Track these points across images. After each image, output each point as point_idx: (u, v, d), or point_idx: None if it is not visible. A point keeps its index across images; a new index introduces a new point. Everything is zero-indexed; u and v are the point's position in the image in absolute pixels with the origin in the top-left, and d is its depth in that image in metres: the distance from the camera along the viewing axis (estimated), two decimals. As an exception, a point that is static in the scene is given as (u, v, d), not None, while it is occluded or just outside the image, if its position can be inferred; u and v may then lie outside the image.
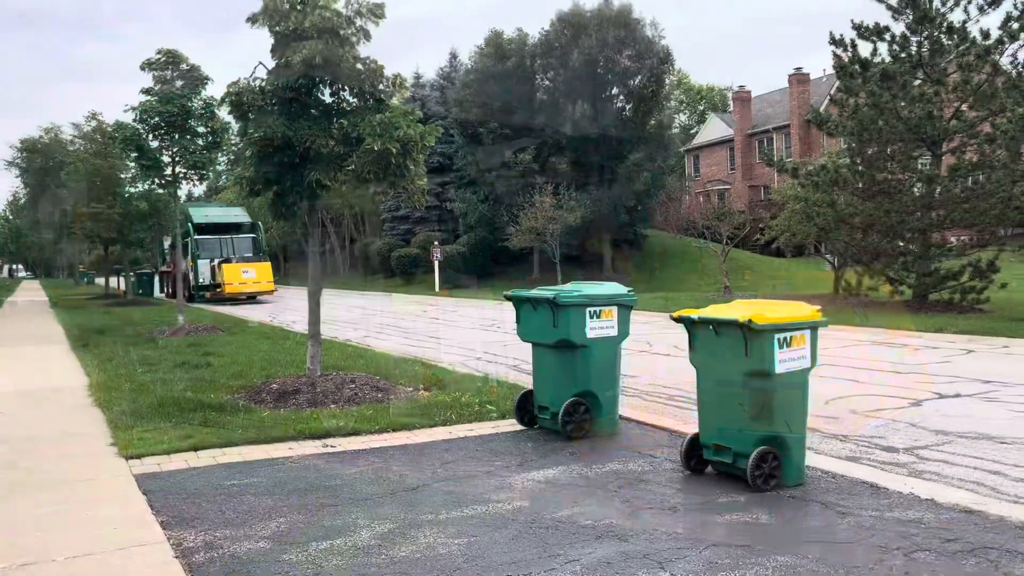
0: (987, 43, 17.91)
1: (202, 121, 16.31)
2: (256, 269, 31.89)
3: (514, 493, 5.35)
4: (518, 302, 7.23)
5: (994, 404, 8.21)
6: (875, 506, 4.92)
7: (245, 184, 8.67)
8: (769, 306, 5.55)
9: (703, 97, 73.06)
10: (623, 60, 36.32)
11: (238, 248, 33.55)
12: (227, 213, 35.77)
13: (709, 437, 5.61)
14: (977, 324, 14.77)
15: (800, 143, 47.54)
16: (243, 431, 7.03)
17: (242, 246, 33.73)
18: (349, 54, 8.22)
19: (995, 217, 18.04)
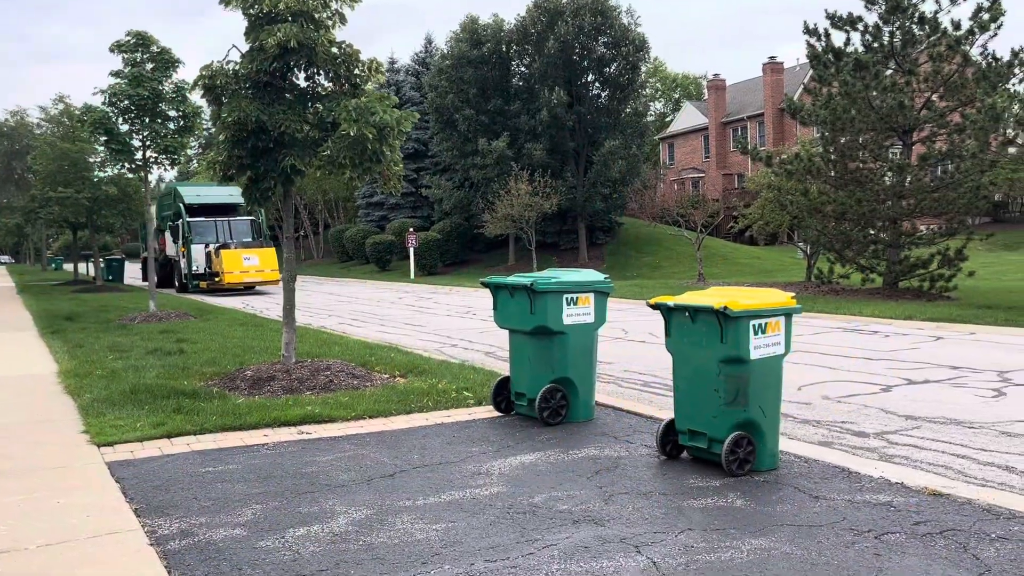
0: (957, 34, 18.14)
1: (173, 105, 16.07)
2: (259, 256, 27.74)
3: (491, 479, 5.36)
4: (495, 289, 7.23)
5: (962, 390, 8.36)
6: (847, 490, 5.00)
7: (218, 169, 8.57)
8: (744, 293, 5.60)
9: (678, 85, 73.31)
10: (599, 47, 36.29)
11: (236, 232, 29.57)
12: (223, 193, 31.21)
13: (684, 423, 5.66)
14: (945, 311, 15.01)
15: (774, 132, 47.90)
16: (217, 418, 6.97)
17: (240, 230, 29.84)
18: (324, 38, 8.14)
19: (963, 206, 18.32)
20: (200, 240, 28.84)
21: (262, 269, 27.59)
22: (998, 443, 6.28)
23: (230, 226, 29.63)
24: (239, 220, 30.24)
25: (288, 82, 8.52)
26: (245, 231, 29.99)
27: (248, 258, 27.47)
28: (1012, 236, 38.31)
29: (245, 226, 30.22)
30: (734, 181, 50.14)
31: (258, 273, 27.59)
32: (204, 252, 28.36)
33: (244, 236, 29.53)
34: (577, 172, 37.05)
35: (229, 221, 29.75)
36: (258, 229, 30.26)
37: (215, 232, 29.17)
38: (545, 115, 35.07)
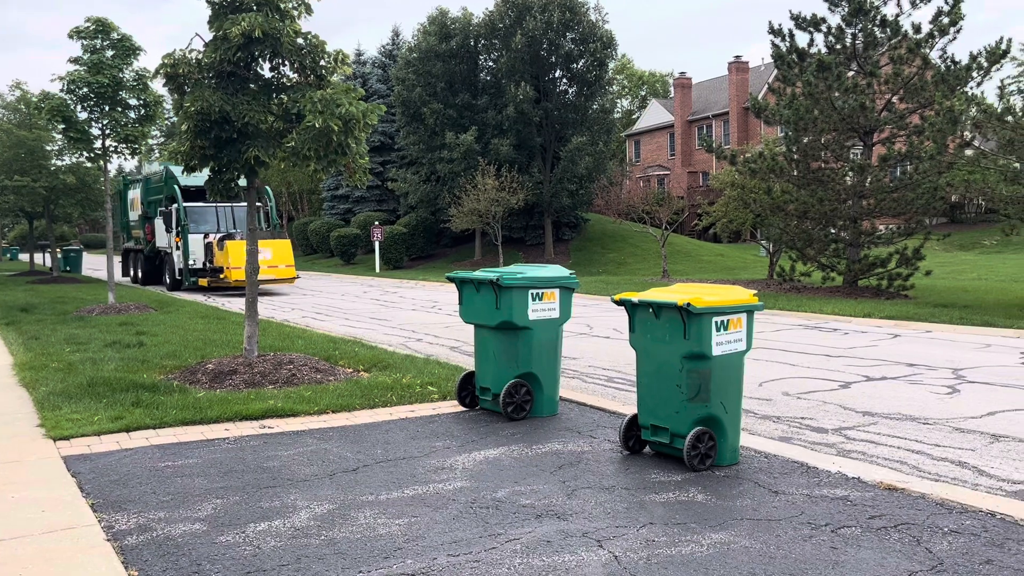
0: (918, 37, 18.48)
1: (134, 93, 15.78)
2: (272, 249, 22.69)
3: (455, 473, 5.36)
4: (461, 284, 7.22)
5: (917, 386, 8.53)
6: (805, 484, 5.08)
7: (180, 159, 8.45)
8: (707, 290, 5.66)
9: (645, 83, 73.71)
10: (567, 43, 36.35)
11: (241, 219, 25.17)
12: None
13: (647, 418, 5.70)
14: (903, 309, 15.31)
15: (739, 130, 48.40)
16: (177, 412, 6.88)
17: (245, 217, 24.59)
18: (290, 28, 8.05)
19: (921, 207, 18.69)
20: (198, 229, 24.35)
21: (276, 265, 22.90)
22: (951, 439, 6.43)
23: (234, 213, 25.13)
24: (245, 206, 24.77)
25: (252, 72, 8.41)
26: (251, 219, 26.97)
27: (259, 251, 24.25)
28: (967, 237, 39.18)
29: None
30: (699, 179, 50.61)
31: (271, 270, 22.77)
32: (204, 243, 23.78)
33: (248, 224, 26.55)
34: (544, 168, 37.11)
35: (232, 207, 25.06)
36: (266, 217, 25.76)
37: (216, 219, 24.79)
38: (512, 110, 35.06)
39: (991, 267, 29.11)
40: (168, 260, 25.37)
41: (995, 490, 5.16)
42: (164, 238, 25.50)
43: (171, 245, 24.85)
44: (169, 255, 25.20)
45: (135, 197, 29.29)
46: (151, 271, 27.50)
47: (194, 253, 24.15)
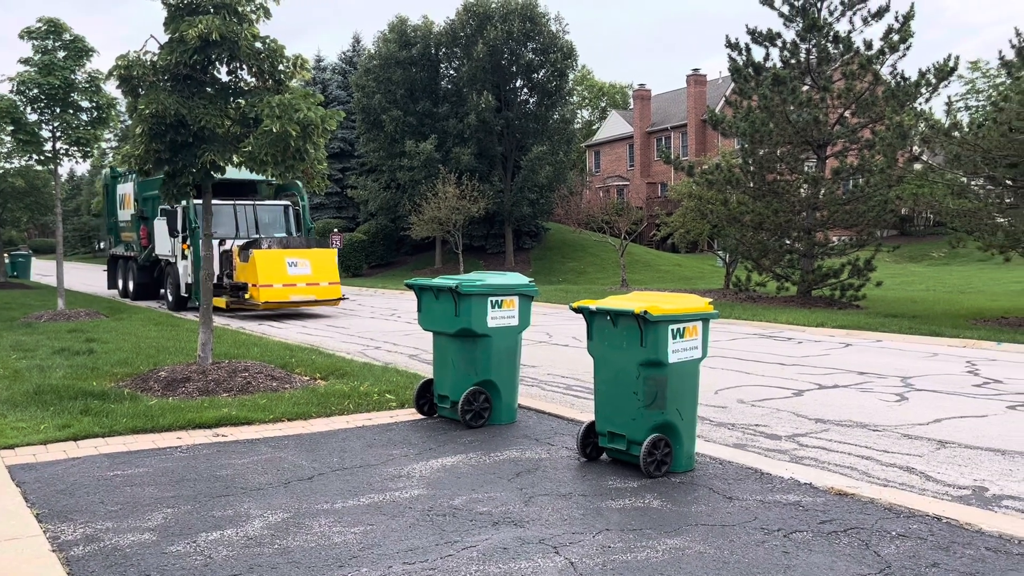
0: (869, 53, 18.93)
1: (86, 95, 15.47)
2: (311, 260, 17.87)
3: (412, 481, 5.33)
4: (420, 291, 7.20)
5: (867, 394, 8.71)
6: (759, 490, 5.15)
7: (134, 163, 8.30)
8: (664, 299, 5.72)
9: (605, 94, 74.35)
10: (527, 53, 36.52)
11: (265, 223, 19.88)
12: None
13: (604, 425, 5.74)
14: (855, 319, 15.62)
15: (696, 142, 49.04)
16: (128, 420, 6.74)
17: (270, 219, 20.04)
18: (248, 32, 7.97)
19: (872, 219, 19.11)
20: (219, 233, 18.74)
21: (316, 282, 17.77)
22: (900, 445, 6.57)
23: (256, 213, 19.81)
24: (269, 206, 20.24)
25: (209, 76, 8.31)
26: (277, 221, 20.12)
27: (295, 263, 17.54)
28: (917, 248, 40.17)
29: (276, 214, 20.20)
30: (657, 190, 51.14)
31: (311, 288, 17.73)
32: (221, 252, 18.55)
33: (275, 228, 19.99)
34: (505, 177, 37.19)
35: (255, 206, 19.90)
36: (297, 219, 20.32)
37: (234, 221, 19.37)
38: (473, 119, 35.10)
39: (939, 278, 29.87)
40: (170, 271, 19.86)
41: (941, 495, 5.28)
42: (166, 243, 19.83)
43: (175, 253, 19.28)
44: (172, 265, 19.67)
45: (127, 193, 23.25)
46: (147, 284, 22.19)
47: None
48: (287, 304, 17.66)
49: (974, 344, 12.53)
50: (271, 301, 17.23)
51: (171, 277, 19.88)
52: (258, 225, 19.78)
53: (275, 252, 17.54)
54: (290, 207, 20.35)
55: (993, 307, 17.95)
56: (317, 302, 17.98)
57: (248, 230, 19.51)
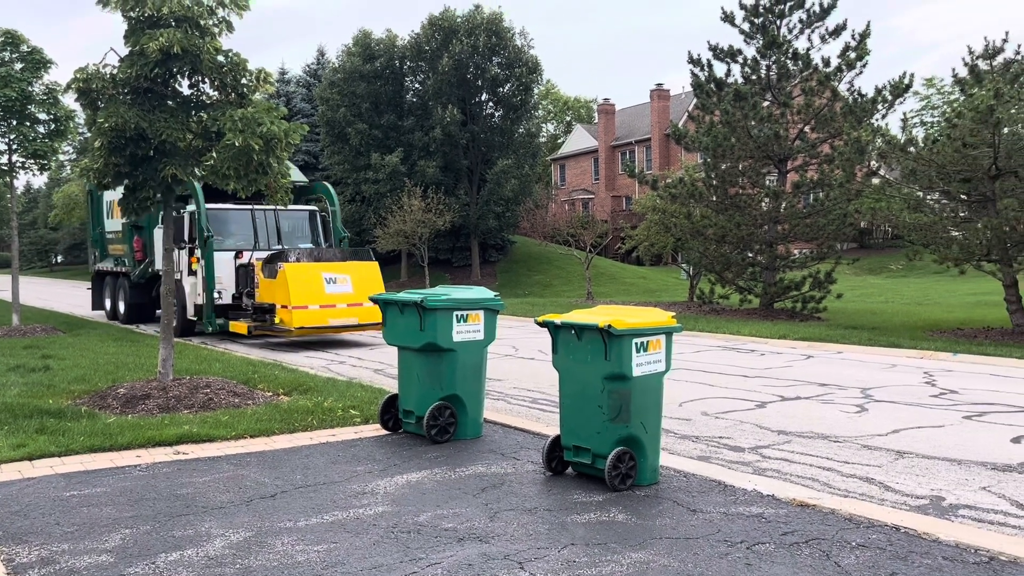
0: (827, 70, 19.32)
1: (44, 107, 15.21)
2: (352, 276, 14.79)
3: (376, 498, 5.29)
4: (385, 305, 7.17)
5: (828, 405, 8.84)
6: (723, 503, 5.20)
7: (93, 176, 8.17)
8: (628, 312, 5.76)
9: (570, 108, 74.87)
10: (493, 67, 36.69)
11: (287, 231, 16.85)
12: None
13: (570, 439, 5.75)
14: (816, 331, 15.86)
15: (660, 156, 49.56)
16: (85, 438, 6.60)
17: (293, 227, 17.08)
18: (210, 45, 7.91)
19: (832, 232, 19.44)
20: (226, 244, 15.88)
21: (359, 302, 14.50)
22: (860, 456, 6.68)
23: (278, 220, 16.75)
24: (292, 212, 17.11)
25: (171, 89, 8.23)
26: (300, 229, 17.19)
27: (333, 280, 14.50)
28: (875, 261, 40.94)
29: (300, 220, 17.24)
30: (622, 203, 51.55)
31: (353, 309, 14.55)
32: (236, 265, 15.71)
33: (299, 237, 17.06)
34: (470, 190, 37.24)
35: (276, 211, 16.72)
36: (324, 226, 17.42)
37: (252, 230, 16.33)
38: (439, 132, 35.14)
39: (897, 290, 30.47)
40: (176, 291, 16.39)
41: (900, 505, 5.37)
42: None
43: (181, 268, 16.28)
44: (178, 284, 16.37)
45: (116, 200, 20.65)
46: (142, 305, 18.97)
47: (221, 282, 15.52)
48: (326, 329, 14.50)
49: (931, 355, 12.79)
50: (307, 326, 13.96)
51: (177, 295, 16.35)
52: (280, 234, 16.63)
53: (310, 266, 14.31)
54: (317, 213, 17.46)
55: (949, 319, 18.35)
56: (361, 327, 14.70)
57: (269, 240, 16.36)
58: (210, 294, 15.37)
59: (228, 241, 15.86)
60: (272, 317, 14.52)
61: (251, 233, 16.30)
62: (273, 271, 14.45)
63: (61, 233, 68.64)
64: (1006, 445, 6.98)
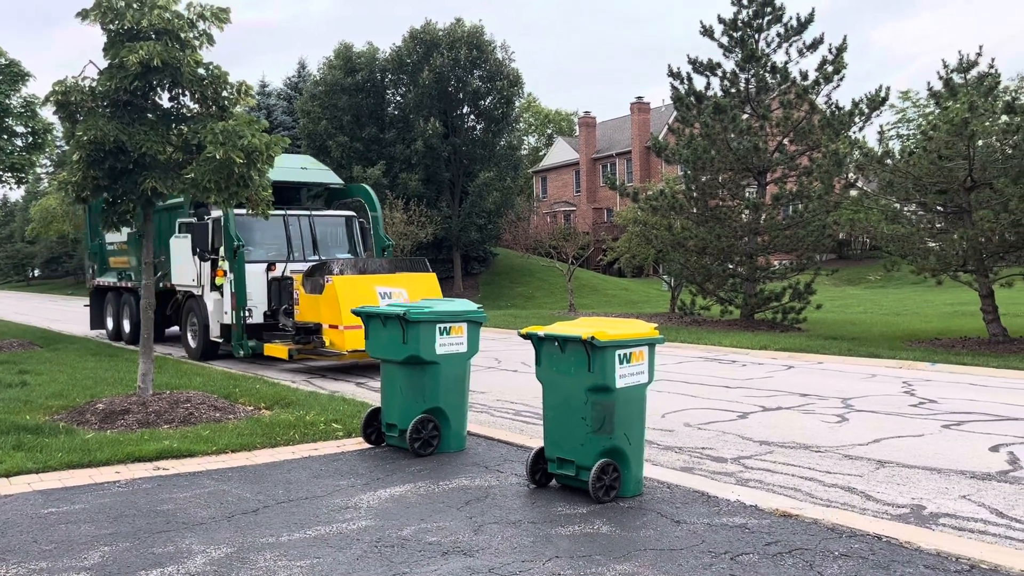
0: (805, 83, 19.55)
1: (21, 120, 15.09)
2: (408, 289, 12.64)
3: (359, 512, 5.26)
4: (367, 318, 7.16)
5: (810, 416, 8.90)
6: (706, 514, 5.21)
7: (71, 190, 8.10)
8: (610, 324, 5.78)
9: (551, 121, 75.16)
10: (474, 80, 36.78)
11: (324, 240, 15.03)
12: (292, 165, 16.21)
13: (553, 451, 5.75)
14: (796, 342, 15.97)
15: (641, 168, 49.83)
16: (63, 454, 6.52)
17: (330, 234, 15.26)
18: (191, 58, 7.88)
19: (811, 243, 19.62)
20: (258, 255, 13.97)
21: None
22: (841, 465, 6.72)
23: (313, 227, 14.94)
24: (328, 218, 15.47)
25: (151, 102, 8.19)
26: (336, 237, 15.40)
27: (388, 294, 12.28)
28: (854, 272, 41.32)
29: (337, 228, 15.48)
30: (604, 215, 51.75)
31: None
32: (271, 279, 13.84)
33: (337, 247, 15.26)
34: (452, 202, 37.25)
35: (311, 216, 15.02)
36: (361, 234, 15.63)
37: (284, 239, 14.49)
38: (421, 145, 35.14)
39: (875, 301, 30.74)
40: (196, 308, 14.67)
41: (881, 514, 5.41)
42: (187, 270, 14.68)
43: (201, 282, 14.45)
44: (196, 299, 14.64)
45: None
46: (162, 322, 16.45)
47: (253, 297, 13.56)
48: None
49: (910, 365, 12.91)
50: (361, 348, 11.13)
51: (195, 316, 14.64)
52: (316, 242, 14.72)
53: (361, 279, 12.27)
54: (354, 219, 15.59)
55: (927, 328, 18.54)
56: None
57: (304, 249, 14.50)
58: (238, 310, 13.35)
59: (257, 251, 13.88)
60: (318, 338, 12.42)
61: (283, 242, 14.37)
62: (318, 285, 12.35)
63: (38, 247, 67.91)
64: (984, 454, 7.05)
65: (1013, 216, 13.29)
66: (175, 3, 7.84)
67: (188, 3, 7.99)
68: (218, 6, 8.06)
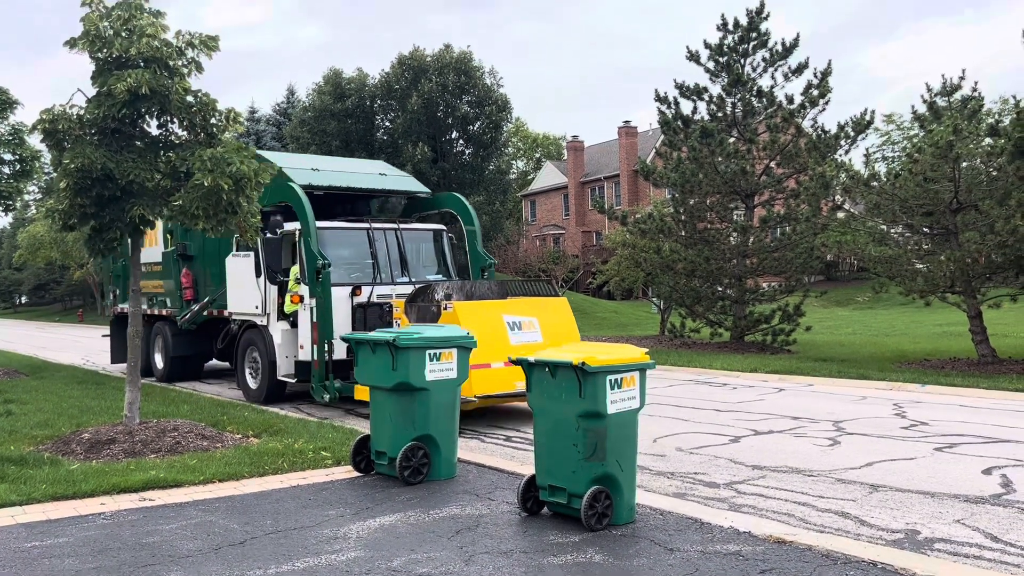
0: (791, 107, 19.73)
1: (9, 148, 15.02)
2: (539, 318, 10.44)
3: (348, 543, 5.18)
4: (356, 344, 7.11)
5: (801, 439, 8.87)
6: (699, 541, 5.16)
7: (57, 218, 8.06)
8: (601, 349, 5.76)
9: (539, 145, 75.54)
10: (463, 106, 37.00)
11: (413, 257, 12.70)
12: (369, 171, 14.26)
13: (545, 478, 5.69)
14: (786, 364, 15.97)
15: (629, 192, 50.06)
16: (48, 486, 6.42)
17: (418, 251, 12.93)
18: (179, 85, 7.88)
19: (800, 265, 19.70)
20: (338, 277, 11.33)
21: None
22: (834, 490, 6.68)
23: (401, 242, 12.44)
24: (416, 231, 13.04)
25: (139, 129, 8.18)
26: (425, 255, 13.03)
27: (517, 324, 10.30)
28: (842, 293, 41.48)
29: (424, 243, 13.07)
30: (592, 238, 51.87)
31: None
32: (355, 305, 11.29)
33: (426, 266, 12.89)
34: (441, 226, 37.32)
35: (398, 230, 12.55)
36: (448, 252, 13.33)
37: (369, 256, 12.07)
38: (410, 170, 35.19)
39: (864, 322, 30.83)
40: (258, 341, 12.22)
41: (876, 539, 5.37)
42: (248, 295, 12.42)
43: (266, 309, 12.05)
44: (260, 331, 12.18)
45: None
46: (188, 358, 15.07)
47: (339, 328, 10.89)
48: (512, 398, 9.93)
49: (900, 387, 12.92)
50: (491, 393, 9.57)
51: (257, 349, 12.22)
52: (405, 261, 12.28)
53: (486, 306, 10.20)
54: (444, 232, 13.30)
55: (916, 350, 18.58)
56: None
57: (391, 269, 12.04)
58: (323, 345, 10.79)
59: (336, 272, 11.27)
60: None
61: (368, 260, 11.93)
62: (429, 312, 10.07)
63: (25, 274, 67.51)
64: (977, 477, 7.04)
65: (999, 237, 13.38)
66: (164, 32, 7.85)
67: (177, 31, 8.01)
68: (207, 34, 8.09)
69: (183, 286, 14.24)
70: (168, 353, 15.10)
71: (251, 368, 12.55)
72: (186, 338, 14.72)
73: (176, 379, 14.99)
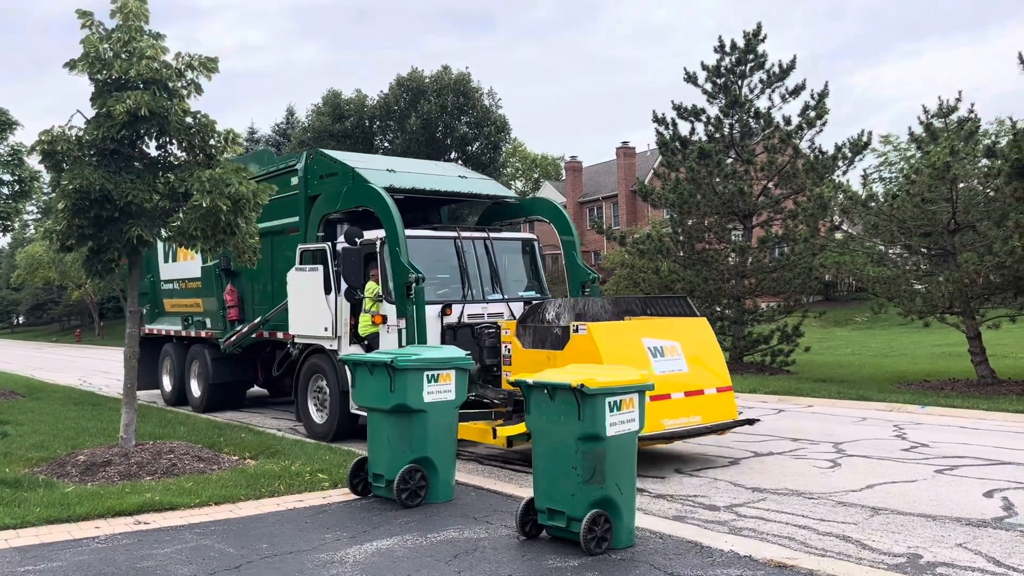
0: (788, 128, 19.81)
1: (8, 168, 15.04)
2: (681, 340, 8.69)
3: (345, 567, 5.13)
4: (354, 366, 7.08)
5: (802, 461, 8.81)
6: (699, 565, 5.11)
7: (55, 238, 8.05)
8: (600, 371, 5.73)
9: (537, 165, 75.81)
10: (462, 126, 37.20)
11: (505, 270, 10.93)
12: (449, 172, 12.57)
13: (544, 501, 5.65)
14: (786, 384, 15.92)
15: (627, 212, 50.20)
16: (42, 509, 6.36)
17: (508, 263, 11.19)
18: (178, 107, 7.91)
19: (799, 286, 19.69)
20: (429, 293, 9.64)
21: (699, 388, 8.60)
22: (835, 513, 6.63)
23: (492, 253, 10.83)
24: (505, 241, 11.45)
25: (138, 150, 8.20)
26: (515, 267, 11.48)
27: (658, 349, 8.45)
28: (841, 313, 41.46)
29: (515, 255, 11.60)
30: (591, 258, 51.90)
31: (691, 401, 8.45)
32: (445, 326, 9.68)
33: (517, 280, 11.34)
34: (440, 247, 37.37)
35: (488, 240, 10.90)
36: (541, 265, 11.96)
37: (459, 270, 10.39)
38: (408, 190, 35.38)
39: (863, 342, 30.79)
40: (325, 368, 10.66)
41: (877, 563, 5.32)
42: (315, 315, 10.66)
43: (337, 331, 10.45)
44: (328, 356, 10.62)
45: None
46: (230, 385, 13.64)
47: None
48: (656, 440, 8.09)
49: (900, 408, 12.87)
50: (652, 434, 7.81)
51: (325, 377, 10.63)
52: (496, 275, 10.71)
53: (623, 328, 8.84)
54: (536, 242, 11.86)
55: (915, 370, 18.54)
56: (707, 430, 8.53)
57: (481, 285, 10.43)
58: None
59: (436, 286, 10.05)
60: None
61: (457, 274, 10.35)
62: (553, 336, 8.59)
63: (23, 294, 67.46)
64: (979, 500, 6.99)
65: (997, 258, 13.39)
66: (163, 53, 7.88)
67: (176, 53, 8.05)
68: (206, 56, 8.13)
69: (227, 304, 12.75)
70: (208, 380, 13.42)
71: (316, 399, 10.83)
72: (228, 363, 13.22)
73: (215, 409, 13.42)
